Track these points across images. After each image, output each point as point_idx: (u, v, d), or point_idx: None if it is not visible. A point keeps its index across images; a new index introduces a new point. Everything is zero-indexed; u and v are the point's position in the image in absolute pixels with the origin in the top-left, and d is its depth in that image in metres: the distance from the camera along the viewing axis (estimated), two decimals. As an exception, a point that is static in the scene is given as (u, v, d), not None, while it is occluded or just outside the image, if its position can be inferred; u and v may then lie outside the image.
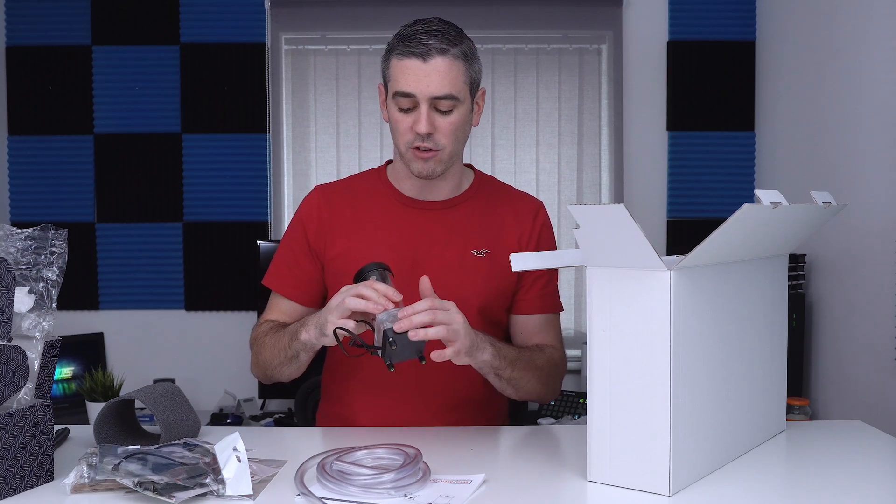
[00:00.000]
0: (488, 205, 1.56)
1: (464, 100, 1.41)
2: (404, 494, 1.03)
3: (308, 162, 3.07)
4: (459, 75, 1.39)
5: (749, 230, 1.09)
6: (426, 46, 1.37)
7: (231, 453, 1.06)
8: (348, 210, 1.54)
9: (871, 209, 2.05)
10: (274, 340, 1.46)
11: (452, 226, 1.52)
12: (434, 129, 1.39)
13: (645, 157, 3.03)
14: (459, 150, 1.48)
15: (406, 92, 1.38)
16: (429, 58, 1.37)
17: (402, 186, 1.54)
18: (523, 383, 1.44)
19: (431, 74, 1.36)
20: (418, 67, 1.37)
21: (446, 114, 1.40)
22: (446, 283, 1.41)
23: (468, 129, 1.48)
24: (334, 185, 1.61)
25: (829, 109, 2.33)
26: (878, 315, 2.01)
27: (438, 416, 1.49)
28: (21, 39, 2.98)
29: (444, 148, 1.42)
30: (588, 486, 1.09)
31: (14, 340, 1.08)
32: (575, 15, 3.01)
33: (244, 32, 3.00)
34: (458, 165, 1.55)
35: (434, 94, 1.37)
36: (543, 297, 1.57)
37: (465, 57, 1.41)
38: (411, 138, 1.41)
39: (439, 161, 1.44)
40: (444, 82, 1.37)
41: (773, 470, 1.18)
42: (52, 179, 3.00)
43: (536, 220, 1.57)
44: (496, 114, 3.04)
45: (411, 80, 1.37)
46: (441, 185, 1.53)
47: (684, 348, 1.04)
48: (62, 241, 1.15)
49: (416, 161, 1.44)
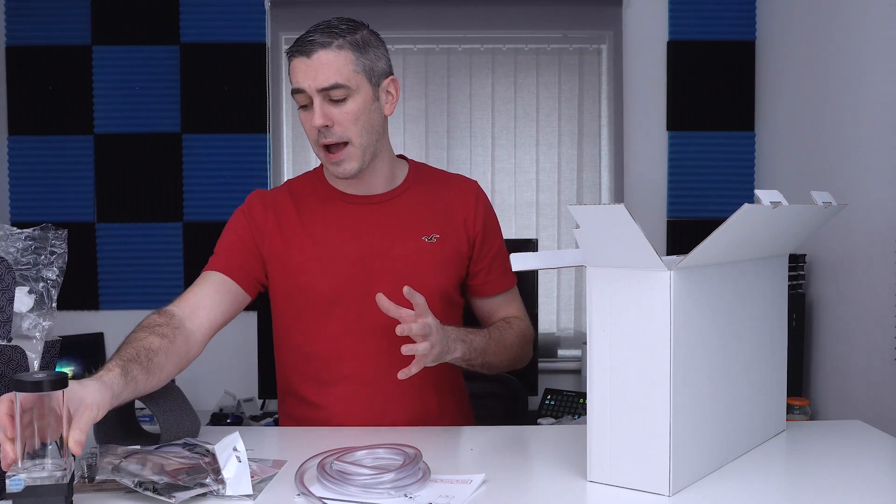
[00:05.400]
0: (429, 191, 1.58)
1: (357, 88, 1.42)
2: (404, 494, 1.03)
3: (308, 162, 3.06)
4: (347, 64, 1.41)
5: (749, 230, 1.09)
6: (309, 43, 1.41)
7: (231, 453, 1.06)
8: (293, 210, 1.54)
9: (871, 209, 2.05)
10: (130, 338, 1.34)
11: (399, 216, 1.53)
12: (330, 120, 1.41)
13: (645, 157, 3.03)
14: (372, 142, 1.47)
15: (297, 88, 1.42)
16: (312, 53, 1.41)
17: (339, 185, 1.55)
18: (496, 363, 1.52)
19: (316, 68, 1.40)
20: (304, 64, 1.41)
21: (340, 104, 1.42)
22: (404, 274, 1.46)
23: (376, 119, 1.47)
24: (274, 190, 1.61)
25: (829, 109, 2.33)
26: (878, 315, 2.01)
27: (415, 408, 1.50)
28: (21, 39, 2.98)
29: (351, 140, 1.43)
30: (588, 486, 1.09)
31: (14, 340, 1.08)
32: (575, 15, 3.01)
33: (244, 32, 3.00)
34: (385, 158, 1.54)
35: (321, 86, 1.40)
36: (504, 275, 1.62)
37: (353, 46, 1.43)
38: (315, 136, 1.44)
39: (352, 158, 1.45)
40: (329, 73, 1.40)
41: (773, 470, 1.18)
42: (52, 179, 3.00)
43: (478, 200, 1.61)
44: (496, 114, 3.04)
45: (300, 77, 1.41)
46: (373, 179, 1.53)
47: (684, 348, 1.04)
48: (62, 241, 1.15)
49: (330, 165, 1.47)
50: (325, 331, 1.49)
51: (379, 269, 1.48)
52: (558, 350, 3.04)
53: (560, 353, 3.04)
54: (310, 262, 1.50)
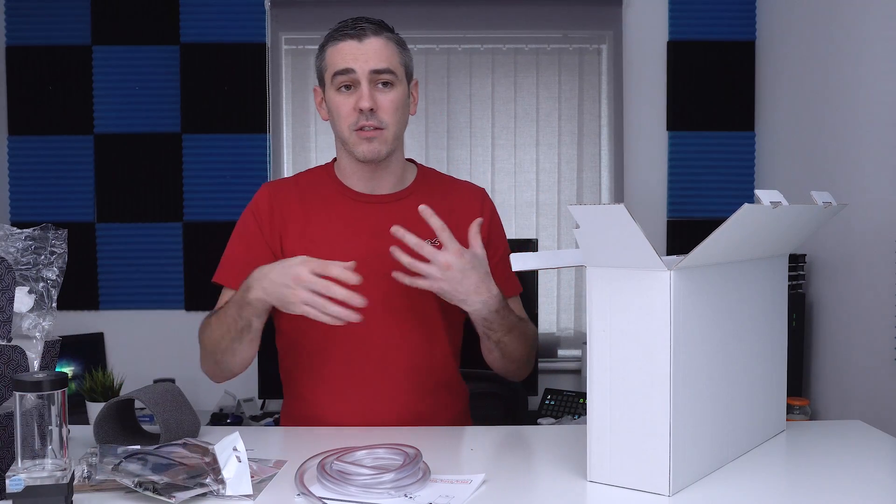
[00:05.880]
0: (435, 195, 1.57)
1: (401, 79, 1.46)
2: (404, 494, 1.03)
3: (308, 162, 3.06)
4: (394, 55, 1.45)
5: (749, 230, 1.09)
6: (361, 29, 1.42)
7: (231, 453, 1.06)
8: (297, 205, 1.54)
9: (871, 209, 2.05)
10: (220, 318, 1.43)
11: (404, 219, 1.52)
12: (376, 105, 1.43)
13: (645, 157, 3.03)
14: (400, 134, 1.50)
15: (345, 68, 1.42)
16: (364, 37, 1.42)
17: (348, 182, 1.55)
18: (511, 350, 1.48)
19: (368, 51, 1.41)
20: (355, 46, 1.42)
21: (386, 90, 1.43)
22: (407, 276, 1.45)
23: (407, 115, 1.51)
24: (283, 182, 1.62)
25: (829, 109, 2.33)
26: (878, 315, 2.01)
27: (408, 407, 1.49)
28: (21, 39, 2.98)
29: (388, 127, 1.45)
30: (588, 486, 1.09)
31: (14, 340, 1.09)
32: (575, 15, 3.01)
33: (244, 32, 3.00)
34: (401, 156, 1.57)
35: (373, 68, 1.41)
36: (507, 281, 1.59)
37: (396, 41, 1.47)
38: (354, 119, 1.44)
39: (384, 141, 1.46)
40: (381, 57, 1.42)
41: (773, 470, 1.18)
42: (52, 179, 3.00)
43: (484, 206, 1.61)
44: (496, 114, 3.04)
45: (349, 58, 1.42)
46: (386, 177, 1.54)
47: (684, 348, 1.04)
48: (62, 241, 1.15)
49: (360, 143, 1.46)
50: (322, 327, 1.49)
51: (379, 269, 1.47)
52: (558, 350, 3.04)
53: (560, 353, 3.04)
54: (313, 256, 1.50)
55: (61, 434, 0.96)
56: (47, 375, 0.96)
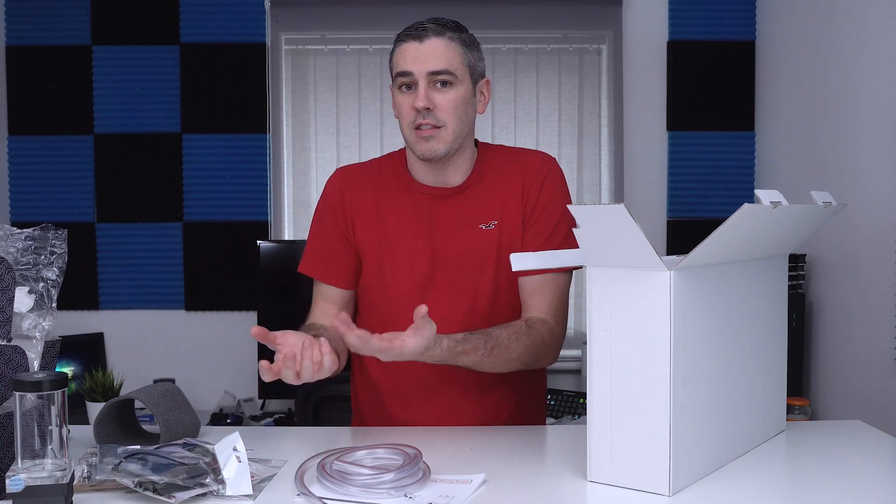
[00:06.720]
0: (494, 175, 1.55)
1: (462, 79, 1.46)
2: (404, 494, 1.03)
3: (308, 162, 3.07)
4: (455, 56, 1.46)
5: (749, 230, 1.09)
6: (423, 30, 1.45)
7: (231, 453, 1.06)
8: (369, 193, 1.56)
9: (871, 209, 2.05)
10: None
11: (462, 208, 1.54)
12: (432, 104, 1.44)
13: (645, 157, 3.03)
14: (463, 133, 1.49)
15: (404, 70, 1.45)
16: (424, 39, 1.45)
17: (416, 174, 1.56)
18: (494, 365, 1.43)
19: (427, 53, 1.44)
20: (415, 48, 1.45)
21: (444, 90, 1.45)
22: (461, 268, 1.49)
23: (472, 114, 1.51)
24: (356, 168, 1.63)
25: (829, 109, 2.33)
26: (878, 315, 2.01)
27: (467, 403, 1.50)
28: (21, 39, 2.98)
29: (446, 125, 1.45)
30: (588, 486, 1.09)
31: (14, 340, 1.09)
32: (575, 15, 3.01)
33: (244, 32, 3.00)
34: (467, 154, 1.55)
35: (430, 70, 1.43)
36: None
37: (462, 42, 1.48)
38: (413, 118, 1.46)
39: (442, 140, 1.46)
40: (440, 59, 1.44)
41: (773, 470, 1.18)
42: (52, 179, 3.00)
43: (538, 176, 1.54)
44: (496, 114, 3.04)
45: (409, 60, 1.45)
46: (452, 172, 1.54)
47: (684, 348, 1.04)
48: (62, 241, 1.15)
49: (419, 142, 1.47)
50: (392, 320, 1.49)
51: (440, 264, 1.50)
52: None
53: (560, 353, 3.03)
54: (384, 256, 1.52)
55: (61, 434, 0.96)
56: (47, 375, 0.96)
